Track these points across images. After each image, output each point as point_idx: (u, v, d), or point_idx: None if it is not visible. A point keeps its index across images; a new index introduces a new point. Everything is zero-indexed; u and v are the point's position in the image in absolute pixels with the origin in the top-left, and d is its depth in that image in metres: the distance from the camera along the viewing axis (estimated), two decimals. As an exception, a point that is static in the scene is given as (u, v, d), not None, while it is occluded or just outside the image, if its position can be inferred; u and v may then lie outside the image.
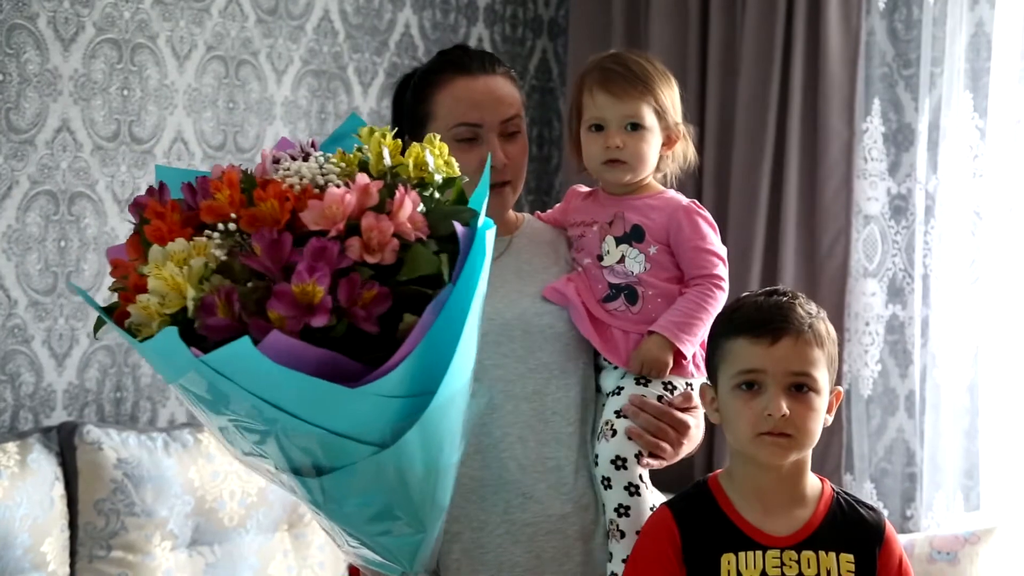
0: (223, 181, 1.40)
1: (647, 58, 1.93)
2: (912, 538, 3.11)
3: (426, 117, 1.94)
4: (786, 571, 1.65)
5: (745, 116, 3.58)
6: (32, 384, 2.97)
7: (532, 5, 4.09)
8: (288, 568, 3.08)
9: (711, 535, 1.68)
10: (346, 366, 1.33)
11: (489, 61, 1.97)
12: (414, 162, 1.48)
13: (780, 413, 1.62)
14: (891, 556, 1.70)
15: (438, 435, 1.44)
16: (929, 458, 3.33)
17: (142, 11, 3.11)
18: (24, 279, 2.94)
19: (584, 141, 1.91)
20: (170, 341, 1.31)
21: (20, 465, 2.69)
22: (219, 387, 1.35)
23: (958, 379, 3.32)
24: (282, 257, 1.34)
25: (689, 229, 1.88)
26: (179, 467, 2.91)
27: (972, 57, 3.26)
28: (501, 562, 1.81)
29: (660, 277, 1.87)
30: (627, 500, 1.80)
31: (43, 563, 2.68)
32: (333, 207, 1.36)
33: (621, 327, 1.87)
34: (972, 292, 3.30)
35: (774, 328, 1.65)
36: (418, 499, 1.49)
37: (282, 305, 1.31)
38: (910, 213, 3.37)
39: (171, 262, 1.36)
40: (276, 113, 3.39)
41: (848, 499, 1.73)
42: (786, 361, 1.64)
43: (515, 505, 1.82)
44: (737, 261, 3.57)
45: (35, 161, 2.94)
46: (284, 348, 1.29)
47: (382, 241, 1.36)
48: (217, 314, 1.32)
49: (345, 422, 1.37)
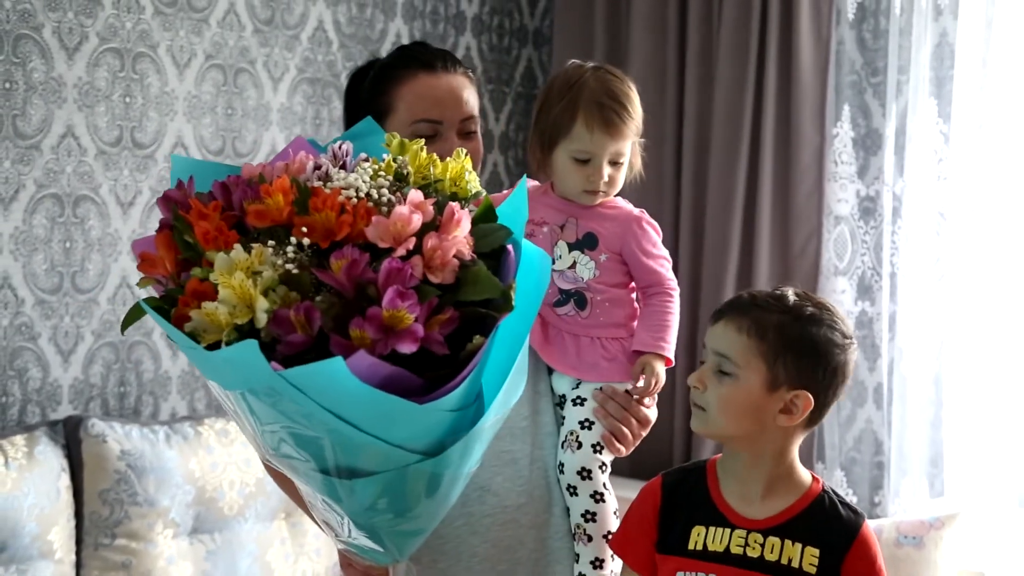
0: (274, 187, 1.35)
1: (629, 84, 1.89)
2: (880, 523, 3.12)
3: (386, 110, 1.88)
4: (749, 551, 1.65)
5: (721, 122, 3.58)
6: (39, 379, 2.97)
7: (518, 16, 4.09)
8: (285, 555, 3.08)
9: (690, 508, 1.70)
10: (408, 382, 1.31)
11: (451, 60, 1.92)
12: (451, 176, 1.45)
13: (692, 384, 1.68)
14: (861, 559, 1.66)
15: (473, 447, 1.43)
16: (896, 447, 3.33)
17: (143, 21, 3.10)
18: (31, 279, 2.94)
19: (564, 165, 1.86)
20: (249, 354, 1.26)
21: (28, 457, 2.70)
22: (288, 397, 1.31)
23: (924, 372, 3.33)
24: (358, 275, 1.30)
25: (642, 239, 1.86)
26: (180, 458, 2.92)
27: (936, 66, 3.27)
28: (460, 552, 1.80)
29: (608, 283, 1.86)
30: (593, 507, 1.81)
31: (50, 551, 2.69)
32: (400, 225, 1.32)
33: (571, 331, 1.85)
34: (937, 289, 3.30)
35: (720, 311, 1.70)
36: (434, 502, 1.48)
37: (371, 328, 1.27)
38: (878, 214, 3.38)
39: (239, 271, 1.30)
40: (272, 119, 3.39)
41: (834, 499, 1.70)
42: (714, 340, 1.68)
43: (473, 498, 1.79)
44: (714, 260, 3.62)
45: (41, 165, 2.94)
46: (366, 367, 1.27)
47: (444, 261, 1.33)
48: (295, 330, 1.28)
49: (401, 433, 1.35)
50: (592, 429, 1.83)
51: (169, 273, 1.38)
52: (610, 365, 1.84)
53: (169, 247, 1.38)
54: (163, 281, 1.41)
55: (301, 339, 1.28)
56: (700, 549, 1.67)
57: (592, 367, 1.84)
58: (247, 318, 1.29)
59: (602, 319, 1.85)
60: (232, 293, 1.29)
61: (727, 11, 3.55)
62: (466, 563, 1.80)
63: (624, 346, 1.86)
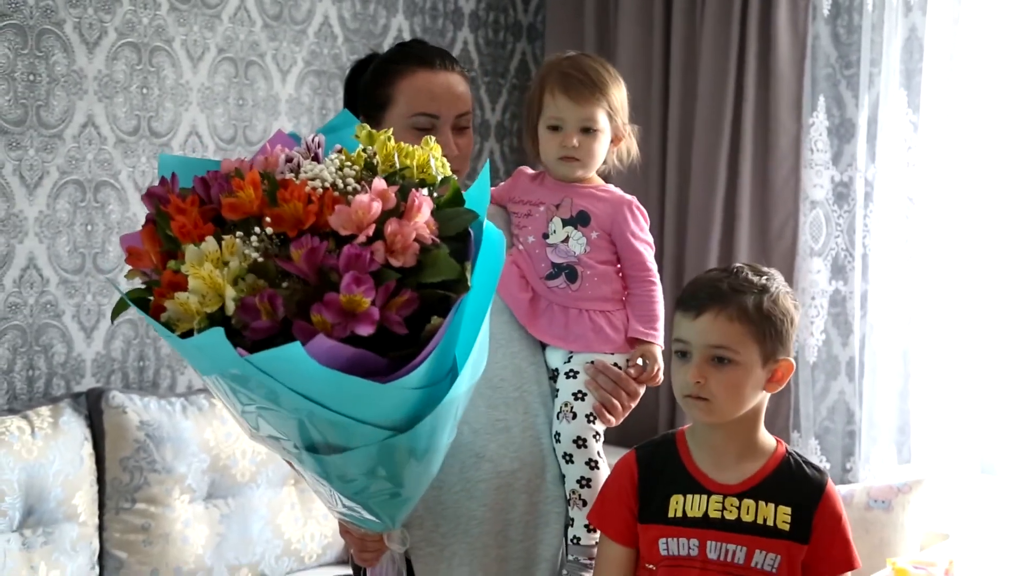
0: (245, 180, 1.34)
1: (602, 63, 1.91)
2: (852, 488, 3.12)
3: (386, 101, 1.88)
4: (726, 515, 1.65)
5: (704, 111, 3.57)
6: (63, 354, 2.97)
7: (512, 11, 4.07)
8: (295, 519, 3.09)
9: (666, 478, 1.70)
10: (372, 362, 1.31)
11: (448, 59, 1.93)
12: (417, 164, 1.44)
13: (694, 380, 1.64)
14: (828, 514, 1.67)
15: (444, 422, 1.43)
16: (867, 417, 3.34)
17: (159, 17, 3.10)
18: (55, 260, 2.94)
19: (542, 138, 1.89)
20: (216, 341, 1.26)
21: (53, 427, 2.70)
22: (256, 381, 1.31)
23: (893, 347, 3.32)
24: (317, 262, 1.30)
25: (631, 221, 1.88)
26: (196, 428, 2.91)
27: (906, 59, 3.27)
28: (459, 516, 1.80)
29: (597, 259, 1.87)
30: (588, 473, 1.83)
31: (75, 514, 2.70)
32: (360, 213, 1.31)
33: (561, 303, 1.86)
34: (906, 269, 3.30)
35: (697, 303, 1.66)
36: (416, 472, 1.48)
37: (330, 312, 1.27)
38: (851, 199, 3.37)
39: (208, 262, 1.29)
40: (281, 109, 3.38)
41: (798, 459, 1.71)
42: (705, 334, 1.64)
43: (469, 465, 1.79)
44: (697, 241, 3.59)
45: (64, 153, 2.93)
46: (326, 350, 1.27)
47: (405, 245, 1.32)
48: (260, 316, 1.27)
49: (370, 411, 1.35)
50: (585, 400, 1.84)
51: (153, 265, 1.38)
52: (596, 336, 1.86)
53: (154, 240, 1.38)
54: (148, 273, 1.40)
55: (266, 325, 1.28)
56: (680, 516, 1.67)
57: (579, 337, 1.86)
58: (217, 306, 1.29)
59: (591, 293, 1.86)
60: (202, 283, 1.29)
61: (710, 7, 3.54)
62: (464, 526, 1.81)
63: (610, 319, 1.87)
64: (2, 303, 2.86)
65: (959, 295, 3.25)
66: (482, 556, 1.82)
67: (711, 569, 1.65)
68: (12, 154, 2.85)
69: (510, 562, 1.84)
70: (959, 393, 3.25)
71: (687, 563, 1.66)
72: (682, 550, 1.66)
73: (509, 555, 1.84)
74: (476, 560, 1.81)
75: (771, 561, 1.64)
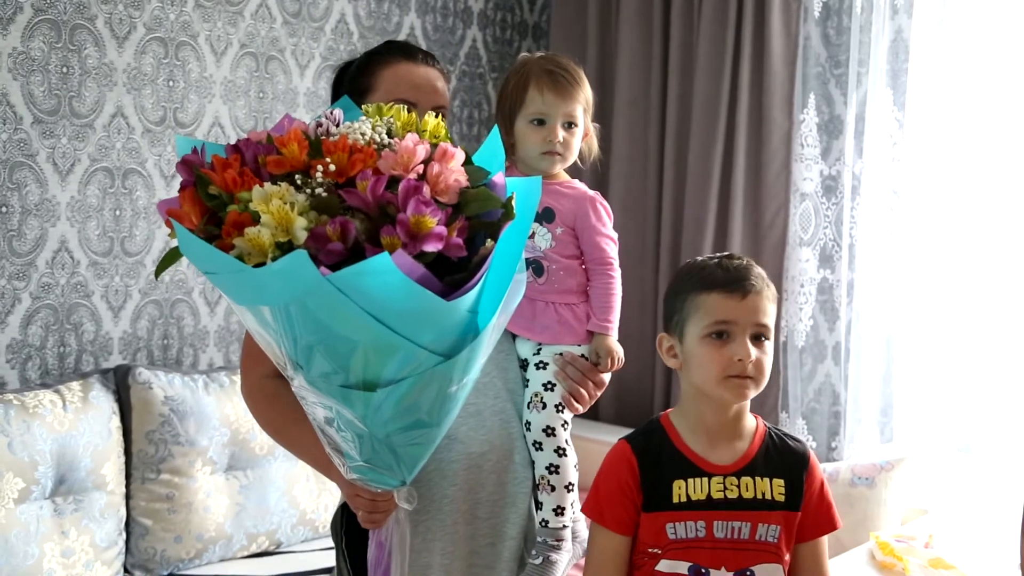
0: (288, 137, 1.37)
1: (575, 63, 1.91)
2: (837, 466, 3.13)
3: (368, 89, 1.88)
4: (728, 494, 1.65)
5: (700, 107, 3.57)
6: (92, 332, 2.98)
7: (519, 11, 4.07)
8: (310, 491, 3.11)
9: (665, 465, 1.67)
10: (433, 285, 1.33)
11: (430, 56, 1.93)
12: (431, 130, 1.49)
13: (751, 359, 1.62)
14: (814, 480, 1.69)
15: (478, 352, 1.45)
16: (852, 399, 3.35)
17: (185, 13, 3.10)
18: (85, 243, 2.95)
19: (523, 132, 1.86)
20: (299, 262, 1.27)
21: (83, 401, 2.72)
22: (327, 306, 1.31)
23: (877, 333, 3.33)
24: (379, 193, 1.33)
25: (593, 217, 1.86)
26: (217, 404, 2.93)
27: (892, 59, 3.27)
28: (433, 494, 1.80)
29: (562, 254, 1.86)
30: (556, 460, 1.82)
31: (103, 483, 2.73)
32: (406, 156, 1.36)
33: (528, 295, 1.83)
34: (890, 259, 3.31)
35: (744, 285, 1.65)
36: (444, 411, 1.48)
37: (402, 232, 1.30)
38: (839, 192, 3.37)
39: (276, 199, 1.32)
40: (299, 102, 3.39)
41: (778, 433, 1.71)
42: (754, 313, 1.64)
43: (442, 446, 1.76)
44: (693, 230, 3.59)
45: (94, 142, 2.94)
46: (406, 264, 1.29)
47: (447, 185, 1.37)
48: (334, 240, 1.30)
49: (428, 334, 1.37)
50: (554, 391, 1.83)
51: (195, 225, 1.40)
52: (561, 328, 1.85)
53: (194, 202, 1.40)
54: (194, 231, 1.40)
55: (339, 248, 1.31)
56: (685, 500, 1.65)
57: (545, 328, 1.85)
58: (287, 238, 1.32)
59: (556, 286, 1.85)
60: (272, 218, 1.31)
61: (706, 8, 3.54)
62: (437, 504, 1.80)
63: (575, 312, 1.86)
64: (35, 283, 2.87)
65: (941, 284, 3.26)
66: (452, 533, 1.81)
67: (720, 547, 1.64)
68: (46, 142, 2.86)
69: (478, 539, 1.83)
70: (939, 377, 3.25)
71: (696, 544, 1.65)
72: (690, 533, 1.65)
73: (477, 532, 1.83)
74: (447, 536, 1.81)
75: (773, 532, 1.66)
